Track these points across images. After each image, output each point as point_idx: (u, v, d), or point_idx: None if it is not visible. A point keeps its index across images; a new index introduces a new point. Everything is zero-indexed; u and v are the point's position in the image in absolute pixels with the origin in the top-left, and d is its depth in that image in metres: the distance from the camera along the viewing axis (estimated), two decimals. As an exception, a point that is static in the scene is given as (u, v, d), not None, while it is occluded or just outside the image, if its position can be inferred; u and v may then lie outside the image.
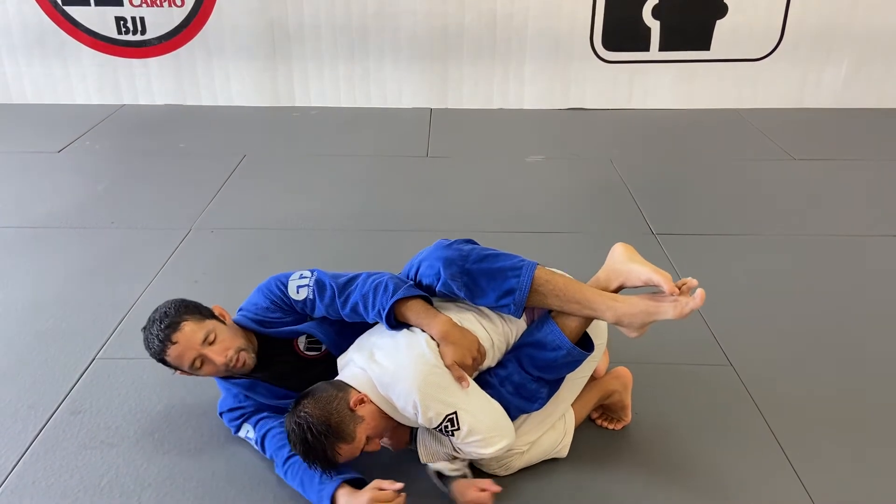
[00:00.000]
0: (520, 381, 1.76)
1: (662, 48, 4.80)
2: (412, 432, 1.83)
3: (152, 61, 4.89)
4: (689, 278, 1.74)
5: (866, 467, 1.94)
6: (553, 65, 4.86)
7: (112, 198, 3.61)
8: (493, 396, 1.76)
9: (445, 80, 4.93)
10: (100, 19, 4.77)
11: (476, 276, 1.73)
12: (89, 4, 4.72)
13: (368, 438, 1.69)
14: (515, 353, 1.80)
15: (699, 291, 1.70)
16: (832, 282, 2.85)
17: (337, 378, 1.77)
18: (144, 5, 4.73)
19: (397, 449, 1.85)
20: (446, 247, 1.79)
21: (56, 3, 4.71)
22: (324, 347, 1.97)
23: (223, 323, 1.92)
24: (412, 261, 1.86)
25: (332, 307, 1.86)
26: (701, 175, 3.93)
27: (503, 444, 1.72)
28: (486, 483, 1.74)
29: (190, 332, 1.82)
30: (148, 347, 1.85)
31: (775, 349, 2.43)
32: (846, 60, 4.80)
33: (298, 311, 1.94)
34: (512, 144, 4.34)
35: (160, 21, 4.77)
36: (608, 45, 4.80)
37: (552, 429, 1.89)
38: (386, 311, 1.72)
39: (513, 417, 1.78)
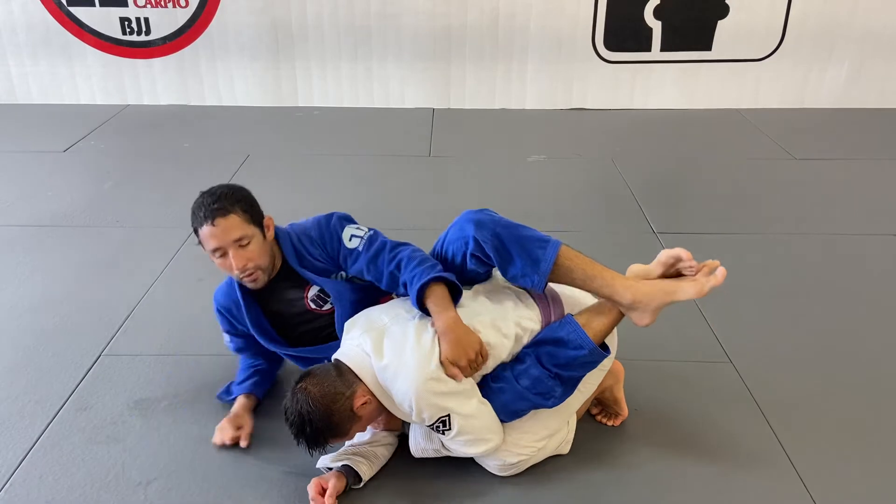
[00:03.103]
0: (538, 376, 1.77)
1: (664, 48, 4.81)
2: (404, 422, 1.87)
3: (157, 61, 4.92)
4: (711, 260, 1.79)
5: (866, 464, 1.95)
6: (555, 65, 4.87)
7: (117, 197, 3.63)
8: (506, 390, 1.77)
9: (448, 80, 4.95)
10: (104, 20, 4.80)
11: (505, 241, 1.77)
12: (94, 5, 4.75)
13: (357, 433, 1.76)
14: (534, 349, 1.80)
15: (720, 270, 1.74)
16: (832, 280, 2.86)
17: (341, 354, 1.77)
18: (149, 6, 4.76)
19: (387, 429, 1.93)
20: (476, 211, 1.83)
21: (61, 3, 4.74)
22: (327, 306, 1.99)
23: (263, 236, 1.91)
24: (439, 238, 1.90)
25: (374, 262, 1.88)
26: (702, 174, 3.94)
27: (489, 447, 1.78)
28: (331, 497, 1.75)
29: (231, 225, 1.82)
30: (193, 213, 1.86)
31: (775, 346, 2.44)
32: (847, 60, 4.81)
33: (337, 260, 1.95)
34: (514, 144, 4.36)
35: (164, 21, 4.80)
36: (610, 45, 4.82)
37: (557, 431, 1.92)
38: (421, 282, 1.74)
39: (525, 412, 1.81)
